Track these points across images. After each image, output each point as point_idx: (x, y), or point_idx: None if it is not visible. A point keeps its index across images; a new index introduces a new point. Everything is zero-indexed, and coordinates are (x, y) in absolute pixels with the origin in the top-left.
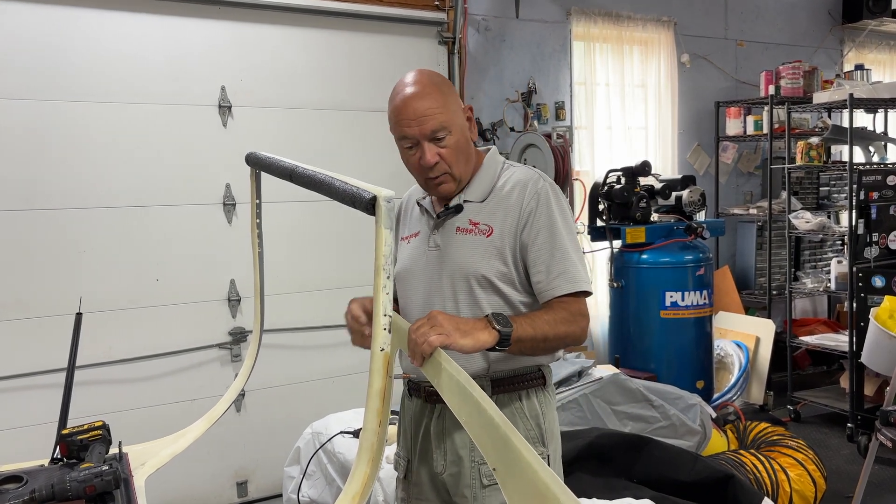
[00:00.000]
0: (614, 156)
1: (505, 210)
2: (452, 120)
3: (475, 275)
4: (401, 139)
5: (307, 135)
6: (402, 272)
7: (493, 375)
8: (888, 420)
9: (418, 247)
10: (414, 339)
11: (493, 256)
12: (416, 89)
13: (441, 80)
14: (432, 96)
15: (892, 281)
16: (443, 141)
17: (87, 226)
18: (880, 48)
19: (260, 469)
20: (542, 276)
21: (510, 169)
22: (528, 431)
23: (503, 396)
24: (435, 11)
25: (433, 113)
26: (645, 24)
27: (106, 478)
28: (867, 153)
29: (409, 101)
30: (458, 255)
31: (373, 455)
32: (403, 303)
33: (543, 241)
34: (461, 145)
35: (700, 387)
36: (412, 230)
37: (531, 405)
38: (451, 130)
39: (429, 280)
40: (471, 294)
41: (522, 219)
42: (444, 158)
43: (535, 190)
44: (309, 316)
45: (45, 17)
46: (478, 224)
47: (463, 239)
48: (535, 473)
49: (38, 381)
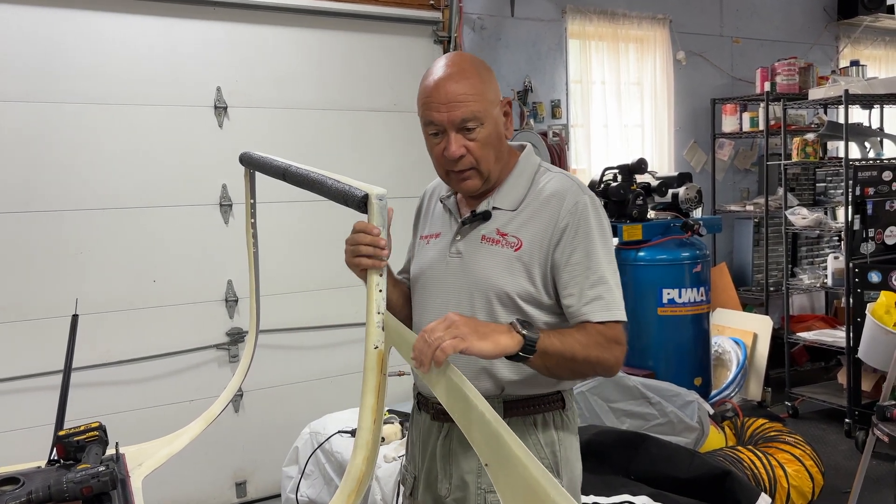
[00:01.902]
0: (611, 154)
1: (538, 223)
2: (487, 111)
3: (497, 291)
4: (426, 124)
5: (303, 135)
6: (419, 275)
7: (505, 398)
8: (885, 415)
9: (439, 251)
10: (426, 342)
11: (519, 273)
12: (452, 70)
13: (483, 65)
14: (469, 81)
15: (888, 276)
16: (472, 132)
17: (84, 227)
18: (876, 44)
19: (258, 469)
20: (574, 301)
21: (546, 175)
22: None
23: (516, 420)
24: (430, 11)
25: (466, 100)
26: (640, 22)
27: (103, 479)
28: (863, 149)
29: (442, 82)
30: (480, 267)
31: (368, 453)
32: (418, 309)
33: (578, 261)
34: (492, 140)
35: (698, 384)
36: (433, 229)
37: (547, 431)
38: (483, 122)
39: (446, 289)
40: (490, 311)
41: (556, 235)
42: (470, 152)
43: (573, 203)
44: (305, 316)
45: (41, 18)
46: (506, 235)
47: (488, 250)
48: (525, 469)
49: (35, 383)
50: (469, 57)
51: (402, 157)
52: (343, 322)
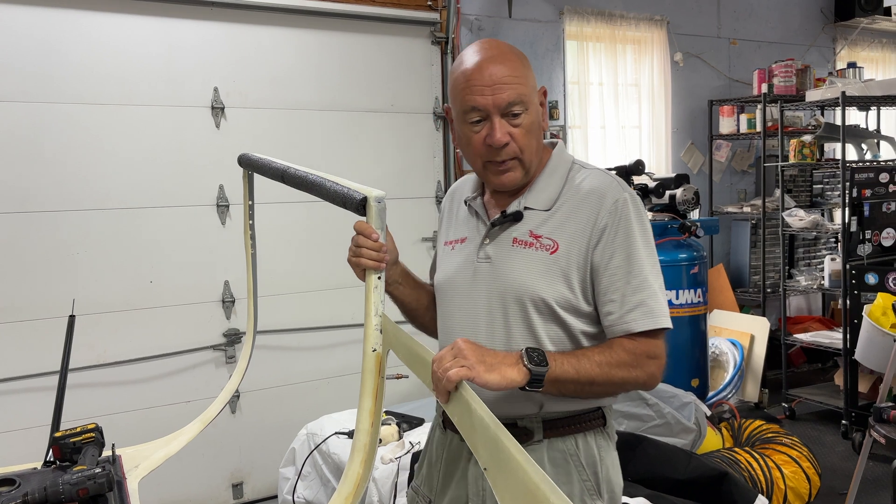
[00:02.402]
0: (608, 155)
1: (575, 223)
2: (530, 96)
3: (532, 297)
4: (467, 111)
5: (301, 136)
6: (445, 283)
7: (544, 416)
8: (882, 417)
9: (466, 256)
10: (435, 372)
11: (556, 278)
12: (494, 53)
13: (520, 52)
14: (513, 64)
15: (885, 278)
16: (517, 118)
17: (81, 228)
18: (872, 46)
19: (255, 470)
20: (615, 308)
21: (582, 172)
22: (582, 483)
23: (557, 441)
24: (428, 11)
25: (512, 82)
26: (638, 23)
27: (99, 480)
28: (860, 151)
29: (486, 64)
30: (513, 272)
31: (365, 455)
32: (444, 320)
33: (618, 264)
34: (535, 128)
35: (695, 385)
36: (458, 234)
37: (588, 450)
38: (527, 107)
39: (475, 297)
40: (526, 319)
41: (595, 236)
42: (515, 139)
43: (613, 201)
44: (303, 317)
45: (39, 18)
46: (540, 237)
47: (521, 253)
48: (525, 474)
49: (31, 384)
50: (505, 42)
51: (401, 158)
52: (340, 323)
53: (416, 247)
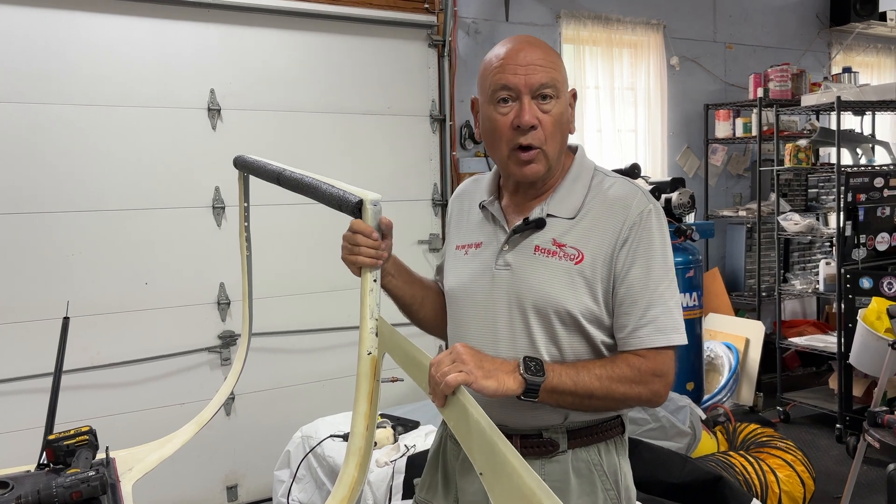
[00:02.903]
0: (604, 158)
1: (600, 233)
2: (562, 86)
3: (557, 309)
4: (497, 90)
5: (297, 138)
6: (458, 290)
7: (568, 426)
8: (876, 421)
9: (482, 262)
10: (433, 376)
11: (581, 289)
12: (531, 40)
13: (553, 49)
14: (548, 51)
15: (879, 282)
16: (547, 103)
17: (76, 229)
18: (867, 51)
19: (249, 473)
20: (629, 321)
21: (606, 180)
22: (606, 492)
23: (580, 451)
24: (425, 14)
25: (546, 65)
26: (634, 27)
27: (92, 483)
28: (855, 155)
29: (522, 47)
30: (536, 281)
31: (360, 459)
32: (458, 327)
33: (636, 276)
34: (563, 122)
35: (690, 388)
36: (471, 238)
37: (610, 459)
38: (558, 96)
39: (494, 306)
40: (550, 331)
41: (619, 246)
42: (542, 125)
43: (638, 212)
44: (298, 319)
45: (34, 19)
46: (563, 246)
47: (544, 262)
48: (521, 479)
49: (25, 386)
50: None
51: (397, 161)
52: (335, 325)
53: (412, 249)
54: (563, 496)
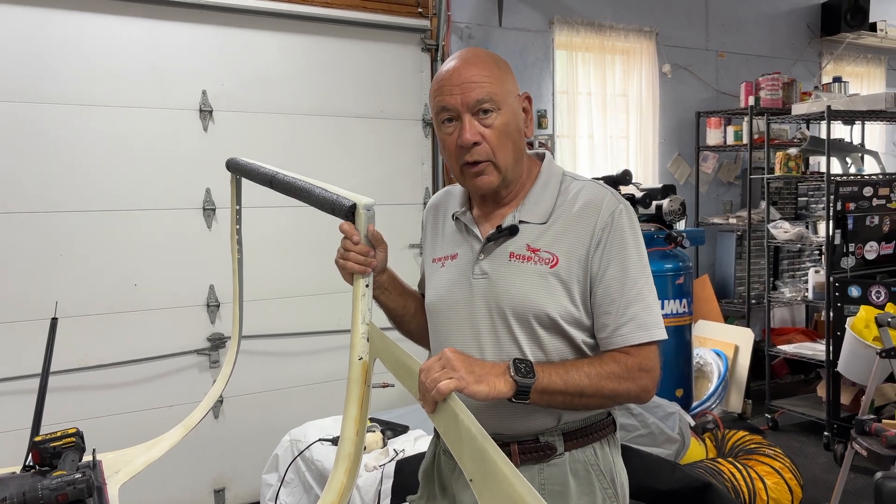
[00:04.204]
0: (595, 164)
1: (573, 236)
2: (503, 97)
3: (536, 313)
4: (440, 111)
5: (289, 140)
6: (438, 303)
7: (563, 428)
8: (863, 429)
9: (459, 272)
10: (423, 382)
11: (558, 292)
12: (468, 56)
13: (499, 58)
14: (485, 66)
15: (867, 291)
16: (488, 117)
17: (65, 230)
18: (858, 61)
19: (237, 476)
20: (610, 320)
21: (574, 183)
22: (604, 491)
23: (577, 453)
24: (418, 18)
25: (481, 81)
26: (627, 34)
27: (79, 486)
28: (844, 164)
29: (457, 67)
30: (514, 287)
31: (350, 465)
32: (440, 338)
33: (613, 276)
34: (510, 131)
35: (679, 395)
36: (447, 251)
37: (605, 458)
38: (499, 107)
39: (474, 314)
40: (533, 336)
41: (592, 248)
42: (486, 139)
43: (609, 213)
44: (288, 322)
45: (25, 19)
46: (537, 251)
47: (519, 268)
48: (511, 486)
49: (11, 387)
50: (484, 49)
51: (389, 165)
52: (326, 329)
53: (404, 253)
54: (564, 499)
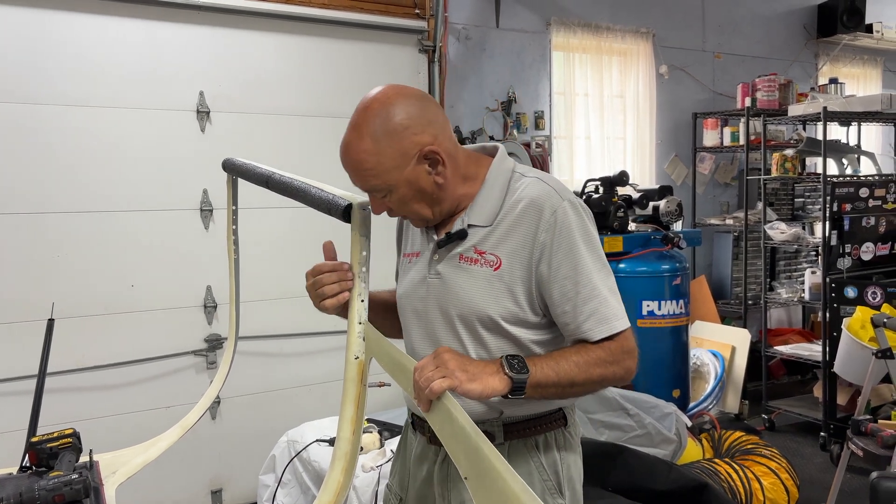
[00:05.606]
0: (592, 165)
1: (516, 238)
2: (390, 177)
3: (479, 315)
4: None
5: (286, 141)
6: (404, 297)
7: (505, 420)
8: (860, 429)
9: (419, 271)
10: (417, 381)
11: (501, 294)
12: (350, 137)
13: (381, 125)
14: (364, 151)
15: (864, 291)
16: (385, 197)
17: (62, 230)
18: (854, 62)
19: (234, 477)
20: (570, 318)
21: (522, 180)
22: (543, 482)
23: (517, 443)
24: (415, 19)
25: (365, 173)
26: (624, 36)
27: (75, 486)
28: (840, 165)
29: (344, 148)
30: (461, 290)
31: (346, 464)
32: (406, 333)
33: (566, 275)
34: (412, 197)
35: (676, 396)
36: (413, 248)
37: (549, 452)
38: (390, 189)
39: (429, 313)
40: (476, 337)
41: (537, 250)
42: (394, 208)
43: (552, 212)
44: (285, 323)
45: (21, 19)
46: (483, 253)
47: (467, 271)
48: (505, 483)
49: (8, 388)
50: (370, 112)
51: None
52: (322, 330)
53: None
54: None
